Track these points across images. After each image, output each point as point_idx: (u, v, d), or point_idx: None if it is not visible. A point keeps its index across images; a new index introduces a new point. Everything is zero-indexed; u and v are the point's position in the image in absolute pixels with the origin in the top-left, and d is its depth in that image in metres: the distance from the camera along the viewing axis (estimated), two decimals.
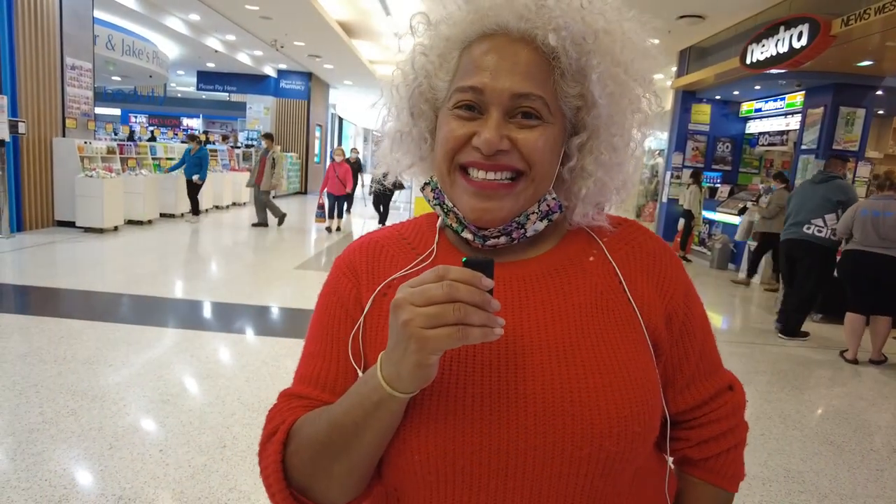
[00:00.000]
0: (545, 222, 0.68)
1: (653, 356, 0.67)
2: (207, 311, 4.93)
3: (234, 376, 3.45)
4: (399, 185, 9.97)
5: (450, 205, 0.68)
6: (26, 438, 2.53)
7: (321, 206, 9.58)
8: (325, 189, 9.58)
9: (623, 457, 0.60)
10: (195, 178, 9.66)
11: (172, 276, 6.24)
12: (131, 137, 11.97)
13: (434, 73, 0.69)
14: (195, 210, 10.03)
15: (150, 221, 9.24)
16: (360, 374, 0.66)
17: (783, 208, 6.54)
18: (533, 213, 0.67)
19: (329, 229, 9.80)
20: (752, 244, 7.97)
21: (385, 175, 0.77)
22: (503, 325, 0.52)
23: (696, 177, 9.40)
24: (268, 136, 10.08)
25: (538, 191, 0.66)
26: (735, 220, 8.94)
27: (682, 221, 9.93)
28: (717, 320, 6.13)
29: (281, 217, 9.96)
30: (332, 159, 9.79)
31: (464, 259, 0.53)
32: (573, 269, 0.69)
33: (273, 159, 9.72)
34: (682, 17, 8.13)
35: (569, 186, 0.70)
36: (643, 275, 0.70)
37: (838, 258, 5.11)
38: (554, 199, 0.68)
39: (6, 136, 7.08)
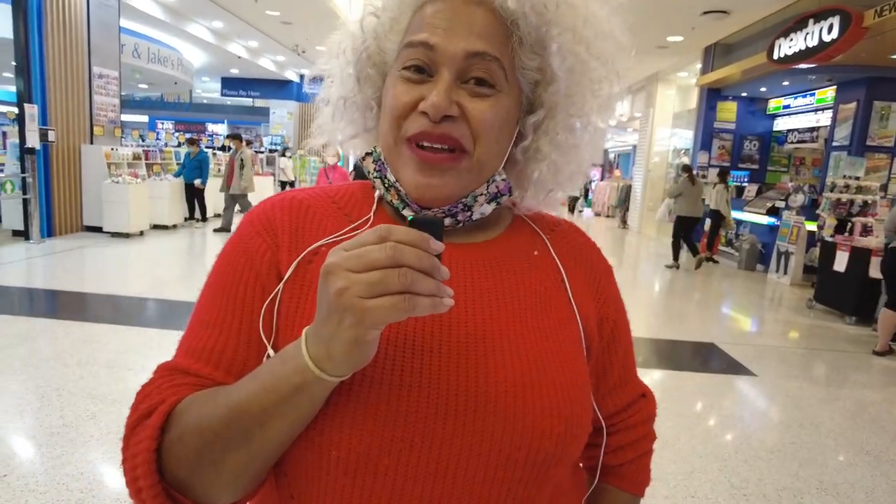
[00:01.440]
0: (493, 205, 0.63)
1: (586, 357, 0.65)
2: None
3: None
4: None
5: (391, 179, 0.61)
6: (46, 441, 2.56)
7: None
8: None
9: (558, 461, 0.57)
10: (197, 182, 9.55)
11: (195, 280, 6.32)
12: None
13: (384, 35, 0.63)
14: (203, 215, 9.91)
15: (174, 226, 9.39)
16: (270, 351, 0.57)
17: (682, 193, 8.27)
18: (481, 194, 0.61)
19: None
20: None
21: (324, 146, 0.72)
22: (452, 295, 0.45)
23: (723, 176, 9.18)
24: (235, 137, 9.68)
25: (484, 170, 0.60)
26: (764, 220, 8.72)
27: (708, 222, 9.71)
28: (745, 323, 5.96)
29: (227, 228, 9.14)
30: (324, 162, 7.71)
31: (409, 217, 0.46)
32: (519, 260, 0.65)
33: (241, 160, 9.07)
34: (706, 12, 7.97)
35: (521, 168, 0.66)
36: (581, 276, 0.69)
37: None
38: (504, 180, 0.63)
39: (36, 144, 7.27)
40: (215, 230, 9.29)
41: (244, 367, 0.56)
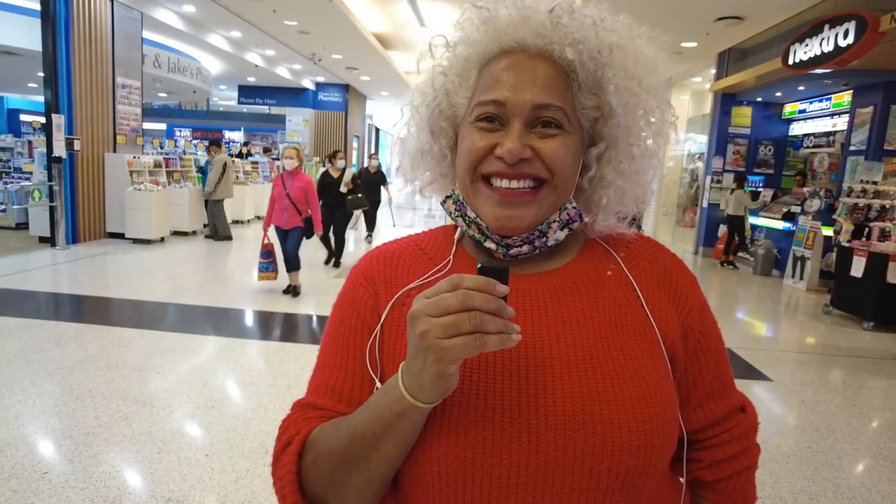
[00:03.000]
0: (566, 231, 0.69)
1: (670, 371, 0.68)
2: (249, 320, 5.08)
3: (276, 383, 3.54)
4: (355, 194, 7.14)
5: (472, 216, 0.68)
6: (83, 441, 2.67)
7: (267, 250, 5.57)
8: (270, 220, 5.62)
9: (642, 472, 0.61)
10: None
11: (215, 285, 6.45)
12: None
13: (454, 91, 0.71)
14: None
15: (194, 232, 9.56)
16: (377, 383, 0.66)
17: None
18: (554, 221, 0.68)
19: (291, 290, 5.73)
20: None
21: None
22: (519, 331, 0.52)
23: (741, 182, 9.13)
24: (214, 143, 9.68)
25: (560, 198, 0.67)
26: (779, 225, 8.68)
27: (722, 228, 9.68)
28: (761, 328, 5.95)
29: (216, 235, 9.03)
30: (283, 168, 5.68)
31: (478, 266, 0.53)
32: (591, 282, 0.70)
33: (211, 165, 9.00)
34: (720, 18, 7.97)
35: (588, 196, 0.72)
36: (660, 289, 0.71)
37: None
38: (574, 207, 0.69)
39: (63, 153, 7.47)
40: (206, 236, 9.19)
41: (360, 398, 0.66)
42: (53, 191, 7.60)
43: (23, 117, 17.75)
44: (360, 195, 7.45)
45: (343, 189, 7.19)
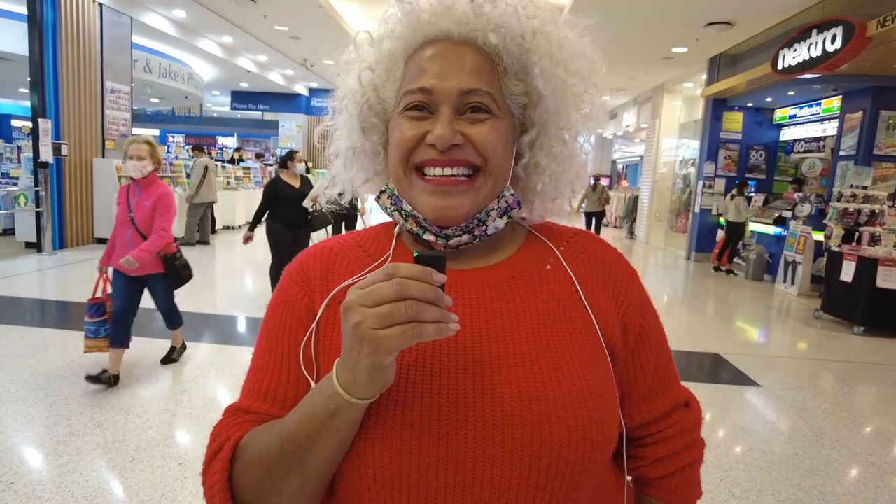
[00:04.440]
0: (505, 219, 0.68)
1: (610, 365, 0.67)
2: (235, 326, 5.02)
3: None
4: (319, 210, 5.11)
5: (408, 209, 0.67)
6: (53, 450, 2.61)
7: (97, 303, 3.56)
8: (111, 258, 3.65)
9: (582, 467, 0.60)
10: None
11: (201, 291, 6.38)
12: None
13: (382, 86, 0.69)
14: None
15: (182, 238, 9.49)
16: (312, 384, 0.63)
17: (587, 196, 11.04)
18: (493, 209, 0.67)
19: (100, 378, 3.29)
20: None
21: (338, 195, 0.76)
22: (457, 320, 0.51)
23: (741, 188, 9.04)
24: (197, 148, 9.68)
25: (496, 185, 0.66)
26: (771, 230, 8.68)
27: (720, 233, 9.67)
28: (752, 333, 5.93)
29: (190, 240, 8.94)
30: (130, 177, 3.59)
31: (415, 255, 0.51)
32: (531, 277, 0.69)
33: (192, 169, 8.99)
34: (710, 24, 8.00)
35: (525, 184, 0.71)
36: (599, 283, 0.70)
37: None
38: (512, 195, 0.68)
39: (50, 158, 7.42)
40: (177, 242, 8.97)
41: (295, 399, 0.63)
42: (40, 196, 7.53)
43: (14, 122, 17.66)
44: (323, 210, 5.87)
45: (308, 204, 5.30)
